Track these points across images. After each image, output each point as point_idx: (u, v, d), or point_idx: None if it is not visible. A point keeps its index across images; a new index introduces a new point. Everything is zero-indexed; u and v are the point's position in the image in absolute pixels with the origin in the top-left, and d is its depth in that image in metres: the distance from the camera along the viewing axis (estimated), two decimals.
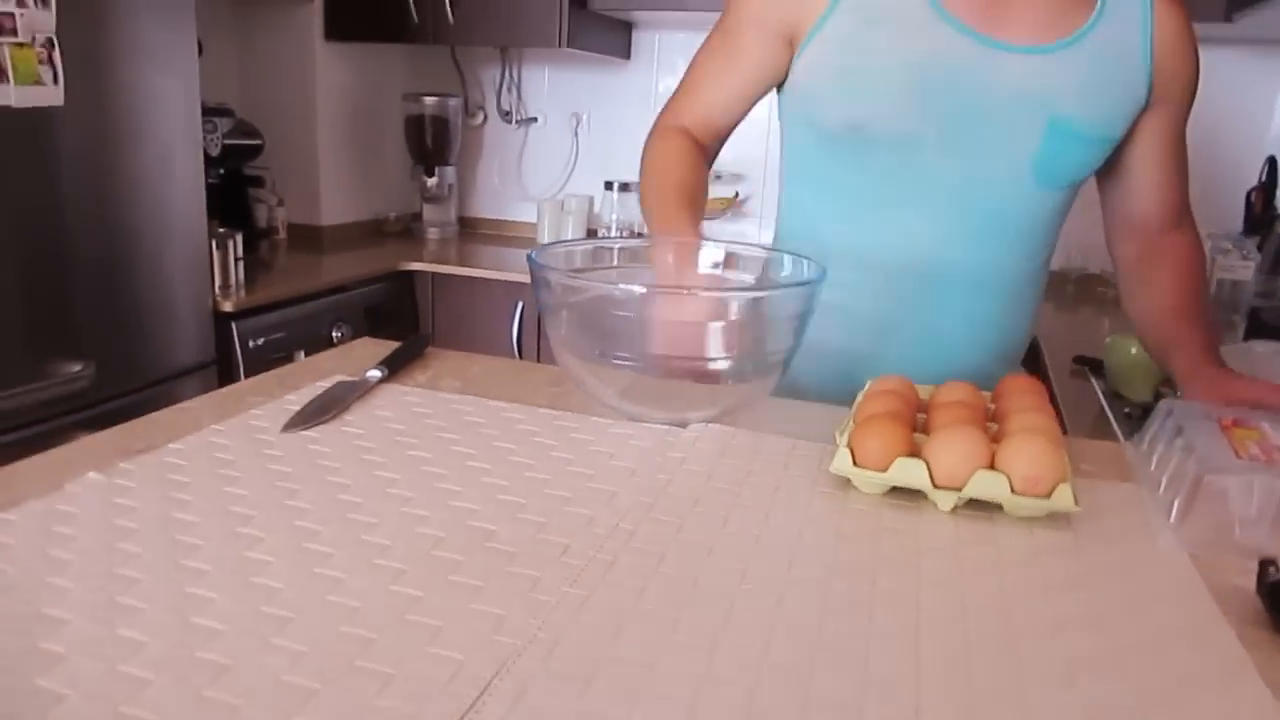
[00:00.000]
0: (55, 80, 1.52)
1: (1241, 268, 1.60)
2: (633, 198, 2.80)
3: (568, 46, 2.42)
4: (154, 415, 0.75)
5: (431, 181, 2.87)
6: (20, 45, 1.47)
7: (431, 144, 2.85)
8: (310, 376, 0.88)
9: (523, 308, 2.37)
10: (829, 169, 1.02)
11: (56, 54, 1.51)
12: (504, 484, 0.66)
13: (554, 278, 0.76)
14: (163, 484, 0.63)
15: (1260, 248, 1.86)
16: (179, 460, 0.67)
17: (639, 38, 2.80)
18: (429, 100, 2.81)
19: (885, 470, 0.66)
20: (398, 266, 2.46)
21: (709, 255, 0.90)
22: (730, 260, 0.90)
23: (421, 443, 0.73)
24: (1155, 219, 1.06)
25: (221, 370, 1.91)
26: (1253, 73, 2.33)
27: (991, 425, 0.74)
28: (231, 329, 1.94)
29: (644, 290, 0.72)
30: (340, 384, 0.84)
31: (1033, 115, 0.94)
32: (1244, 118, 2.35)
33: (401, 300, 2.48)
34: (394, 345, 0.97)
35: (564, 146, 2.94)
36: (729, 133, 1.09)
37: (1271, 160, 2.26)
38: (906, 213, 0.99)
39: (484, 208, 3.08)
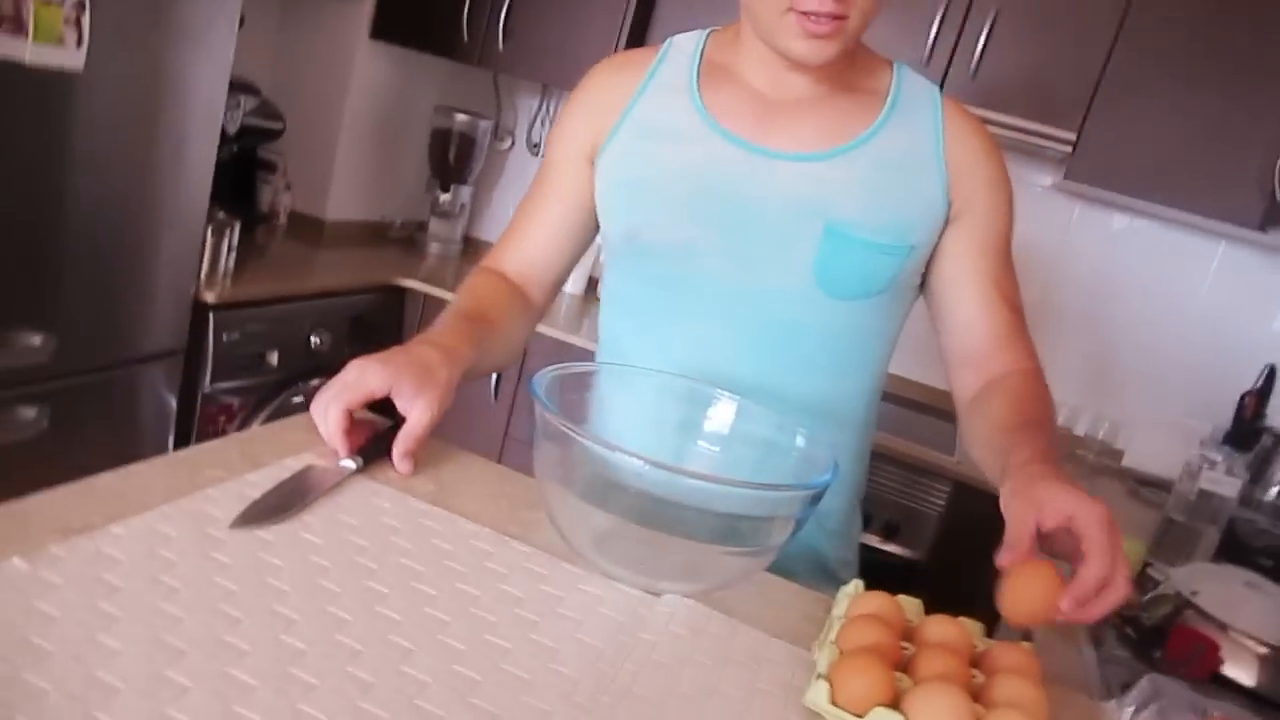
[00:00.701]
0: (79, 44, 1.45)
1: (1228, 483, 1.59)
2: None
3: None
4: (99, 479, 0.69)
5: (445, 197, 2.83)
6: (47, 1, 1.40)
7: (454, 160, 2.81)
8: (276, 451, 0.82)
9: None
10: (624, 284, 1.05)
11: (86, 16, 1.44)
12: (460, 648, 0.61)
13: (552, 421, 0.72)
14: (91, 585, 0.57)
15: (1249, 464, 1.85)
16: (115, 552, 0.61)
17: None
18: (460, 117, 2.78)
19: (862, 716, 0.62)
20: (392, 280, 2.40)
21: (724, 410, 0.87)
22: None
23: (381, 569, 0.68)
24: (980, 346, 0.99)
25: (189, 360, 1.84)
26: (1263, 276, 2.35)
27: (977, 675, 0.70)
28: (208, 320, 1.87)
29: (646, 464, 0.68)
30: (309, 471, 0.79)
31: (808, 220, 0.94)
32: (1248, 318, 2.37)
33: (388, 316, 2.42)
34: (375, 420, 0.92)
35: None
36: (559, 273, 1.10)
37: (1272, 369, 2.27)
38: (698, 325, 0.99)
39: (492, 231, 3.04)
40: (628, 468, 0.69)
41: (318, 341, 2.15)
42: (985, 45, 2.12)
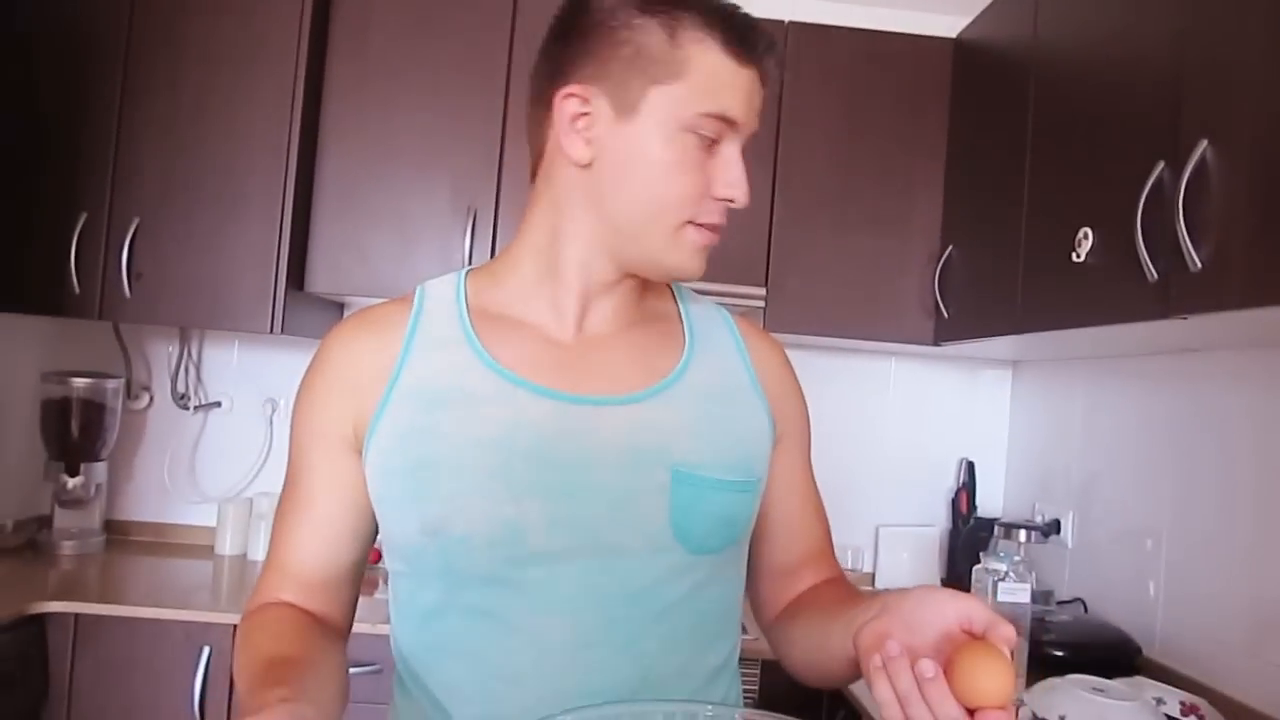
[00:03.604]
0: None
1: (1021, 590, 1.63)
2: None
3: (282, 332, 2.09)
4: None
5: (74, 481, 2.27)
6: None
7: (79, 435, 2.28)
8: None
9: (209, 656, 1.83)
10: (429, 593, 0.83)
11: None
12: None
13: None
14: None
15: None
16: None
17: None
18: (79, 382, 2.28)
19: None
20: (20, 609, 1.81)
21: None
22: None
23: None
24: (800, 559, 0.95)
25: None
26: (936, 382, 2.60)
27: None
28: None
29: None
30: None
31: (651, 468, 0.81)
32: (932, 422, 2.59)
33: (27, 658, 1.81)
34: None
35: (255, 437, 2.50)
36: (353, 585, 0.89)
37: (970, 463, 2.48)
38: (540, 623, 0.80)
39: (142, 510, 2.48)
40: None
41: None
42: None
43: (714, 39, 0.78)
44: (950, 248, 2.17)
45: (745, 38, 0.79)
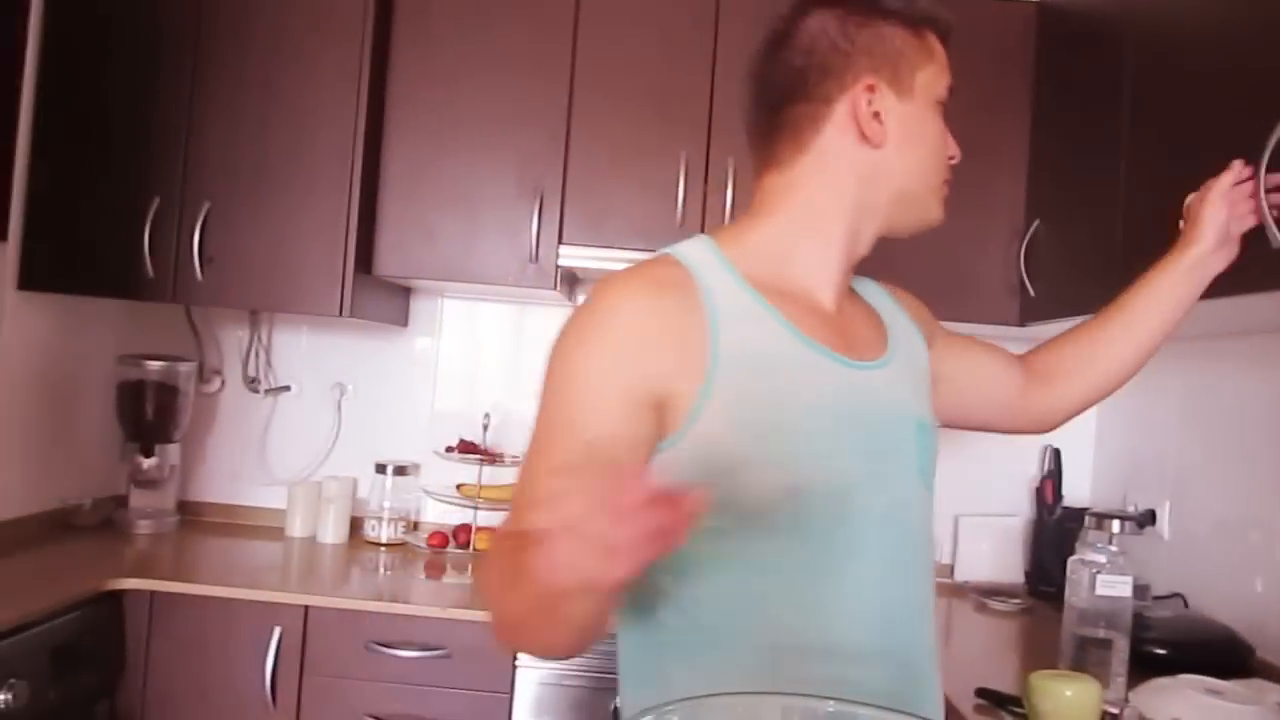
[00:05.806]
0: None
1: (1122, 583, 1.54)
2: (408, 482, 2.41)
3: (350, 315, 2.08)
4: None
5: (149, 462, 2.30)
6: None
7: (153, 416, 2.31)
8: None
9: (280, 636, 1.83)
10: (769, 554, 0.86)
11: None
12: None
13: None
14: None
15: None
16: None
17: (418, 304, 2.52)
18: (154, 365, 2.30)
19: None
20: (99, 585, 1.84)
21: None
22: None
23: None
24: (1016, 375, 1.18)
25: None
26: None
27: None
28: None
29: None
30: None
31: (907, 423, 0.95)
32: None
33: (106, 636, 1.84)
34: None
35: (324, 421, 2.51)
36: None
37: (1056, 451, 2.37)
38: (859, 567, 0.89)
39: (214, 491, 2.51)
40: None
41: (7, 699, 1.55)
42: (734, 194, 2.10)
43: (935, 30, 0.98)
44: (1036, 222, 2.06)
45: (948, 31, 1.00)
